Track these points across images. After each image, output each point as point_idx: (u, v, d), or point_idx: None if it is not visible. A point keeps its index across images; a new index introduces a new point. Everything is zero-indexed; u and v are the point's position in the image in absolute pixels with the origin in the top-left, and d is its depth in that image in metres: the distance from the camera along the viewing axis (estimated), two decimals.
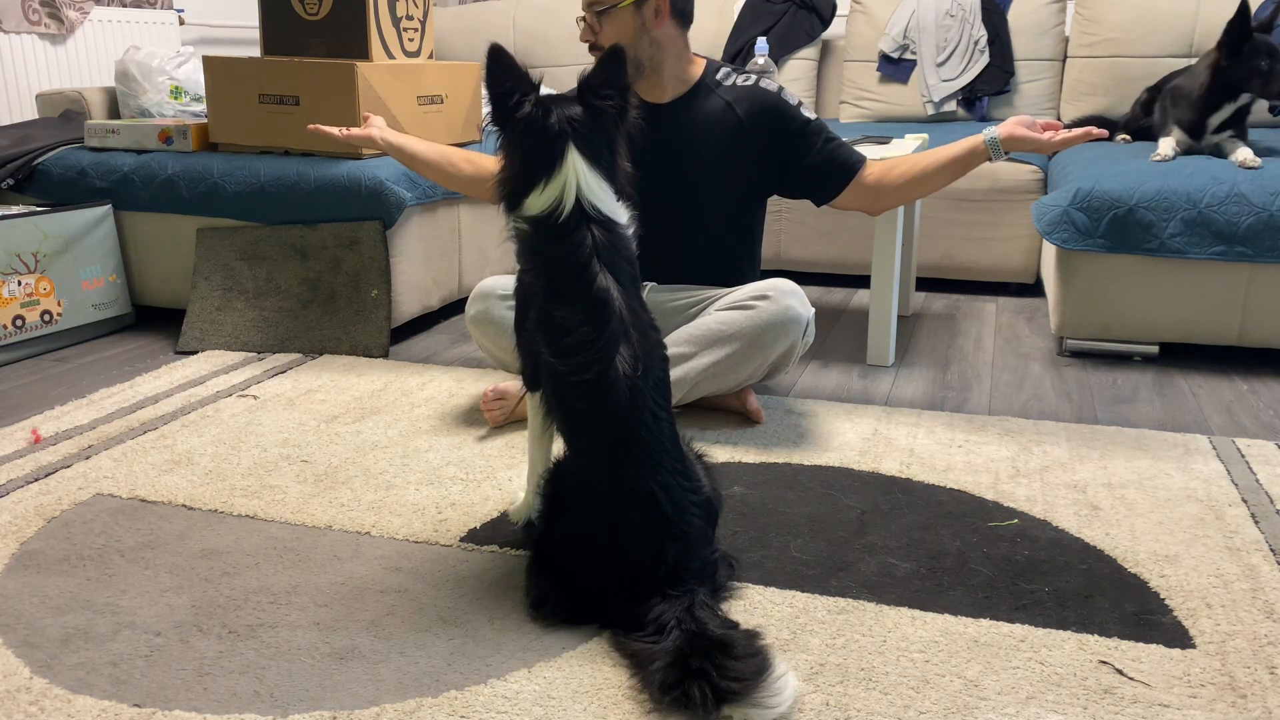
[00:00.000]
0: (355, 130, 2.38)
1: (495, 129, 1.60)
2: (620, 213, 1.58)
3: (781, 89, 2.32)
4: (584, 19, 2.23)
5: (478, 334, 2.35)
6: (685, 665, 1.30)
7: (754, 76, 2.32)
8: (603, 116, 1.56)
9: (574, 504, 1.53)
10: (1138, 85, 3.52)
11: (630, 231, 1.60)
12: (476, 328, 2.33)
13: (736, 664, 1.30)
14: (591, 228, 1.53)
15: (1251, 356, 2.81)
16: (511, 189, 1.59)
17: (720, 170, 2.30)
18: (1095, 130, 2.03)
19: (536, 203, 1.55)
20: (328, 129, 2.37)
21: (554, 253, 1.54)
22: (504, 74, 1.56)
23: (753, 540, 1.76)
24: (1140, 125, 3.37)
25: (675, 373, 2.18)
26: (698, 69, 2.32)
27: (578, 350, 1.48)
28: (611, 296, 1.50)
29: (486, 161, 2.38)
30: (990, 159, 2.16)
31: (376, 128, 2.39)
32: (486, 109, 1.63)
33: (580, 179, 1.53)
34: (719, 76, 2.32)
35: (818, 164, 2.30)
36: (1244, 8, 2.81)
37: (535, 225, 1.56)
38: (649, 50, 2.21)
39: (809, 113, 2.31)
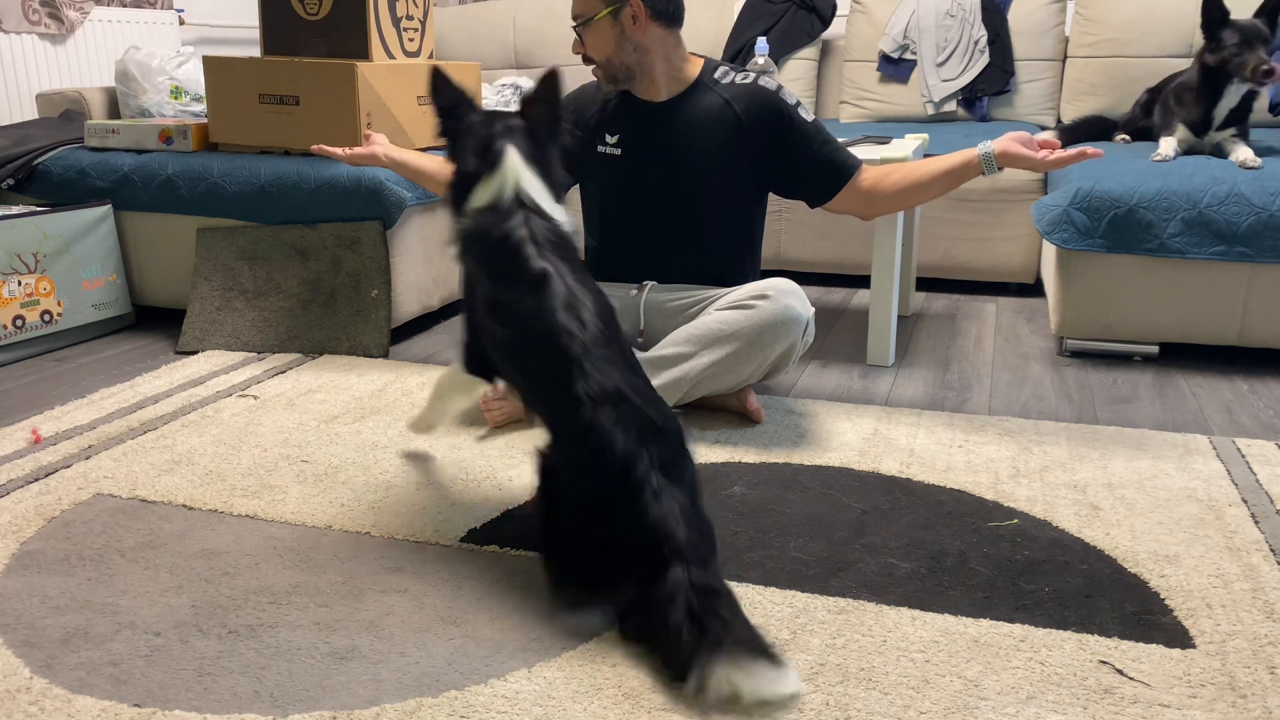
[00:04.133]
0: (359, 149, 2.41)
1: (445, 139, 1.81)
2: (558, 211, 1.73)
3: (780, 88, 2.32)
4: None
5: None
6: (698, 605, 1.34)
7: (752, 75, 2.32)
8: (537, 128, 1.76)
9: (563, 475, 1.54)
10: (1138, 85, 3.53)
11: (568, 229, 1.73)
12: None
13: (745, 620, 1.36)
14: (528, 216, 1.67)
15: (1251, 356, 2.81)
16: (459, 190, 1.75)
17: (718, 167, 2.30)
18: (1090, 150, 2.03)
19: (480, 196, 1.71)
20: (332, 150, 2.39)
21: (494, 236, 1.67)
22: (448, 91, 1.79)
23: (753, 540, 1.76)
24: (1140, 126, 3.37)
25: (675, 372, 2.19)
26: (695, 68, 2.32)
27: (527, 316, 1.60)
28: (550, 274, 1.61)
29: None
30: (984, 173, 2.17)
31: (380, 145, 2.41)
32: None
33: (518, 175, 1.70)
34: (717, 75, 2.32)
35: (813, 165, 2.30)
36: None
37: (477, 215, 1.71)
38: (634, 56, 2.25)
39: (807, 114, 2.31)
